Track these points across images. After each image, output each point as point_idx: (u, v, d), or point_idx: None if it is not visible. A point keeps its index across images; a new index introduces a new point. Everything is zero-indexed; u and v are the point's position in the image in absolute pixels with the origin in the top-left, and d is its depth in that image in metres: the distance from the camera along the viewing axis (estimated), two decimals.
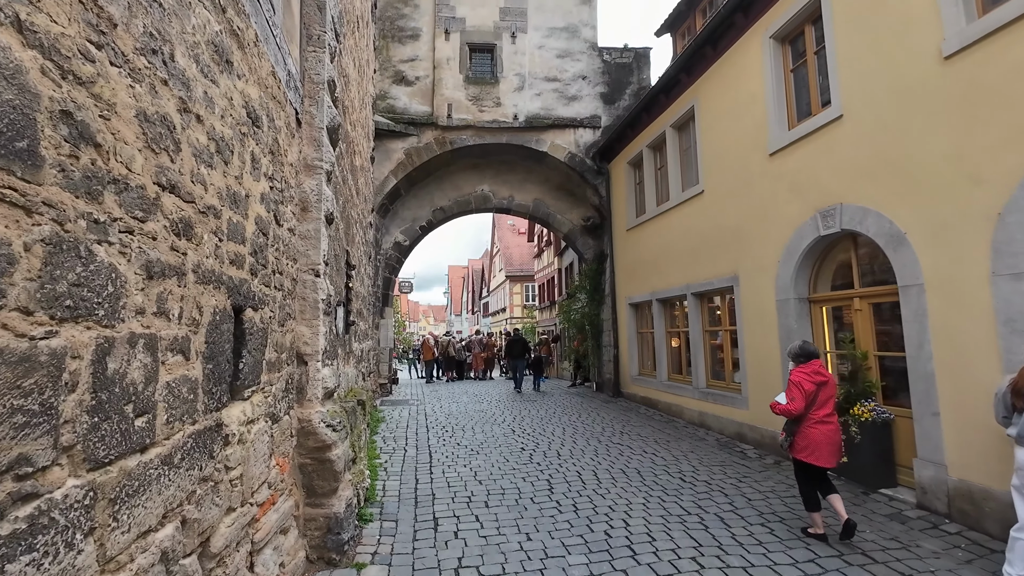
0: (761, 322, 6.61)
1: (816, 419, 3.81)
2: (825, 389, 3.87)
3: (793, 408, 3.80)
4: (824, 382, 3.87)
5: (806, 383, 3.82)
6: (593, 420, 8.84)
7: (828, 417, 3.84)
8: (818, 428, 3.81)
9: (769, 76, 6.45)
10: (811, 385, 3.82)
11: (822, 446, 3.79)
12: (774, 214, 6.34)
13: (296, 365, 3.71)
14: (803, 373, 3.89)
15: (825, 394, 3.87)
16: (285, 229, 3.44)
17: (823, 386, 3.86)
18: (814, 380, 3.84)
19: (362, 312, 8.06)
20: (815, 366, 3.93)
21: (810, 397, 3.81)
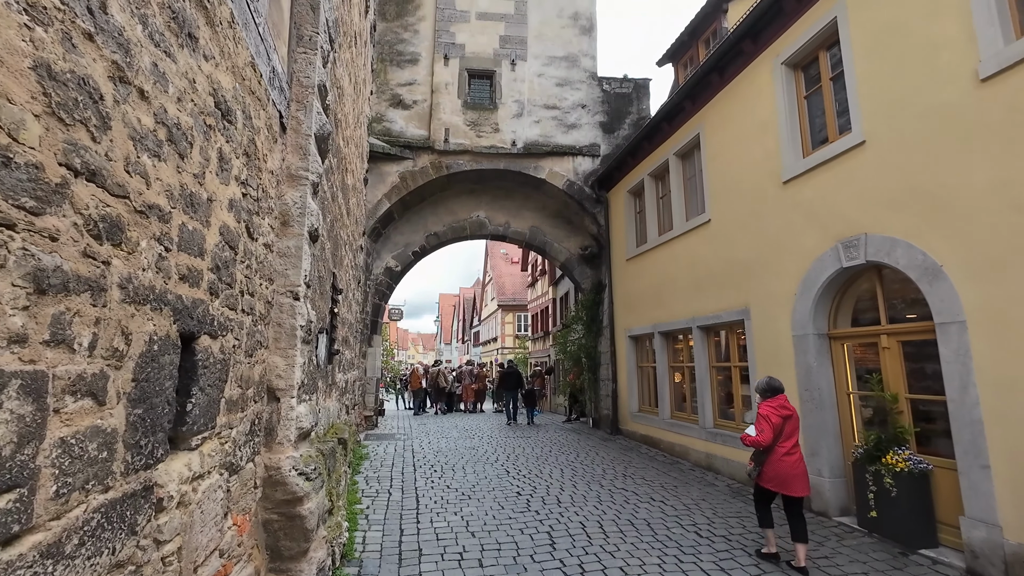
0: (776, 359, 6.19)
1: (783, 451, 4.04)
2: (790, 422, 4.11)
3: (762, 440, 4.02)
4: (789, 415, 4.12)
5: (773, 416, 4.06)
6: (592, 460, 8.27)
7: (793, 449, 4.08)
8: (786, 460, 4.04)
9: (782, 103, 6.22)
10: (778, 418, 4.06)
11: (791, 477, 4.02)
12: (789, 244, 6.01)
13: (266, 402, 3.19)
14: (770, 407, 4.13)
15: (791, 427, 4.11)
16: (260, 244, 2.99)
17: (788, 419, 4.10)
18: (780, 414, 4.09)
19: (348, 340, 7.54)
20: (781, 400, 4.18)
21: (777, 429, 4.04)
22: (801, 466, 4.07)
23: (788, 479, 4.00)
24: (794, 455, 4.06)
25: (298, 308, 3.39)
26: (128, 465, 1.57)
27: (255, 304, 2.90)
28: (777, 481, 4.03)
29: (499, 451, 9.12)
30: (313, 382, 4.10)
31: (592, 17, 13.20)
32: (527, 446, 9.66)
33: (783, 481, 4.01)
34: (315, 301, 4.13)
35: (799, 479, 4.03)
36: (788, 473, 4.00)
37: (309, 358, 3.89)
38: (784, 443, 4.04)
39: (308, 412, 3.60)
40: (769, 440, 4.01)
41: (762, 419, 4.08)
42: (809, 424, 5.59)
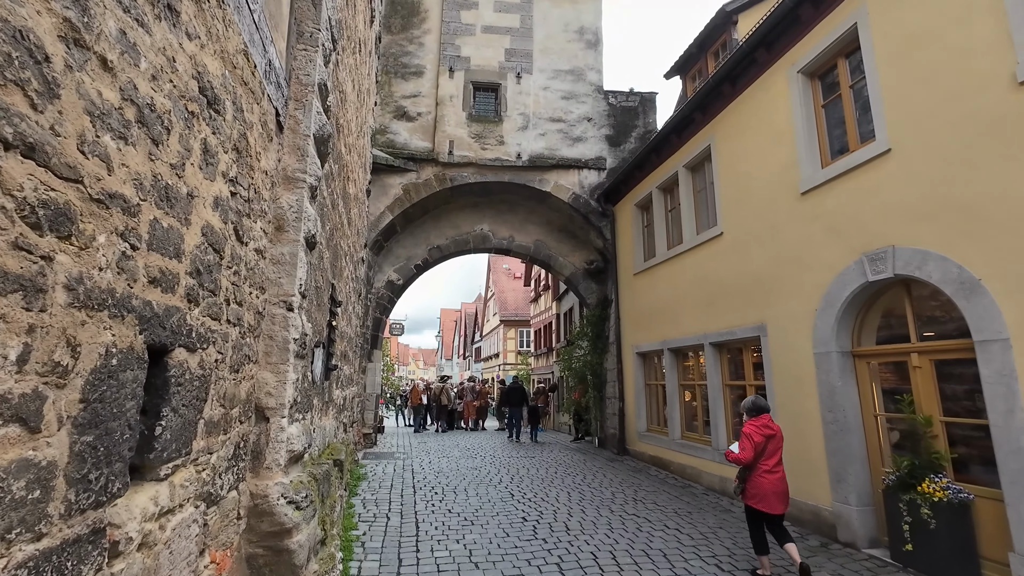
0: (795, 378, 5.89)
1: (765, 469, 4.17)
2: (773, 441, 4.25)
3: (743, 457, 4.16)
4: (772, 435, 4.26)
5: (756, 435, 4.20)
6: (600, 483, 7.91)
7: (775, 467, 4.20)
8: (766, 478, 4.15)
9: (798, 112, 6.03)
10: (760, 437, 4.20)
11: (770, 495, 4.12)
12: (809, 258, 5.75)
13: (254, 422, 2.91)
14: (754, 426, 4.26)
15: (773, 445, 4.24)
16: (251, 249, 2.74)
17: (771, 438, 4.24)
18: (763, 433, 4.22)
19: (347, 355, 7.26)
20: (765, 419, 4.33)
21: (760, 448, 4.18)
22: (782, 485, 4.18)
23: (767, 496, 4.14)
24: (776, 473, 4.19)
25: (291, 320, 3.13)
26: (71, 505, 1.29)
27: (243, 314, 2.64)
28: (757, 498, 4.16)
29: (502, 472, 8.76)
30: (307, 400, 3.82)
31: (598, 32, 13.15)
32: (531, 467, 9.30)
33: (762, 497, 4.14)
34: (311, 313, 3.87)
35: (779, 497, 4.15)
36: (768, 490, 4.14)
37: (303, 374, 3.61)
38: (766, 461, 4.20)
39: (300, 433, 3.31)
40: (750, 458, 4.15)
41: (745, 437, 4.22)
42: (834, 448, 5.27)
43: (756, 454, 4.15)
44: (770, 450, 4.21)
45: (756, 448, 4.15)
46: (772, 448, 4.22)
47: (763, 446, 4.18)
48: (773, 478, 4.15)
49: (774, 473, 4.17)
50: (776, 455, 4.23)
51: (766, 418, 4.34)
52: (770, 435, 4.24)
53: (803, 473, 5.69)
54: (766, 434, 4.22)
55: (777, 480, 4.16)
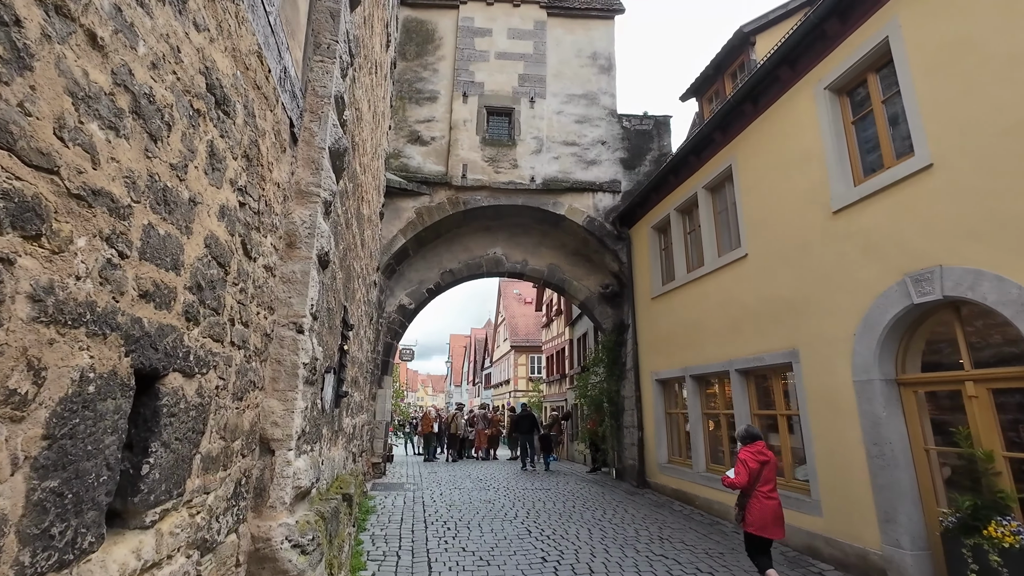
0: (833, 407, 5.52)
1: (763, 495, 4.30)
2: (768, 467, 4.40)
3: (738, 481, 4.31)
4: (766, 461, 4.41)
5: (751, 461, 4.35)
6: (622, 519, 7.46)
7: (771, 493, 4.34)
8: (765, 503, 4.28)
9: (827, 129, 5.82)
10: (755, 463, 4.34)
11: (769, 521, 4.27)
12: (843, 279, 5.46)
13: (257, 455, 2.66)
14: (749, 452, 4.42)
15: (768, 471, 4.39)
16: (259, 266, 2.54)
17: (766, 464, 4.39)
18: (758, 459, 4.37)
19: (358, 381, 7.01)
20: (759, 446, 4.47)
21: (754, 474, 4.33)
22: (779, 510, 4.35)
23: (769, 523, 4.27)
24: (773, 499, 4.33)
25: (301, 343, 2.90)
26: (25, 569, 1.04)
27: (249, 336, 2.41)
28: (759, 524, 4.28)
29: (518, 505, 8.33)
30: (316, 429, 3.56)
31: (611, 57, 13.21)
32: (548, 500, 8.86)
33: (764, 524, 4.27)
34: (322, 336, 3.64)
35: (779, 523, 4.32)
36: (769, 516, 4.27)
37: (313, 402, 3.37)
38: (763, 487, 4.34)
39: (308, 467, 3.04)
40: (744, 482, 4.30)
41: (740, 463, 4.38)
42: (881, 484, 4.86)
43: (751, 479, 4.32)
44: (766, 476, 4.36)
45: (751, 473, 4.31)
46: (768, 474, 4.37)
47: (758, 472, 4.35)
48: (772, 504, 4.29)
49: (771, 499, 4.31)
50: (772, 481, 4.39)
51: (760, 445, 4.51)
52: (764, 461, 4.38)
53: (845, 511, 5.27)
54: (760, 460, 4.37)
55: (776, 506, 4.32)
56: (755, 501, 4.30)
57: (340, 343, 4.70)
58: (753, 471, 4.31)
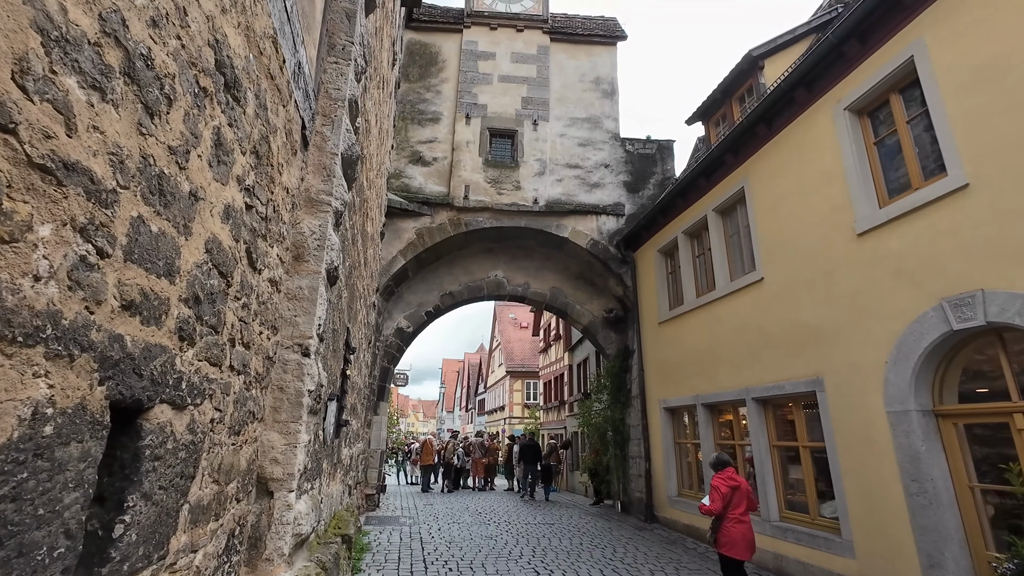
0: (864, 439, 5.20)
1: (733, 519, 4.55)
2: (738, 492, 4.62)
3: (714, 508, 4.57)
4: (737, 486, 4.64)
5: (722, 487, 4.60)
6: (634, 558, 7.01)
7: (742, 516, 4.58)
8: (736, 527, 4.53)
9: (848, 150, 5.67)
10: (727, 488, 4.59)
11: (739, 542, 4.52)
12: (873, 304, 5.22)
13: (254, 498, 2.30)
14: (720, 479, 4.68)
15: (738, 496, 4.61)
16: (264, 279, 2.24)
17: (736, 490, 4.62)
18: (728, 484, 4.62)
19: (356, 409, 6.62)
20: (729, 473, 4.73)
21: (727, 499, 4.57)
22: (750, 534, 4.59)
23: (738, 543, 4.53)
24: (743, 523, 4.56)
25: (307, 367, 2.58)
26: None
27: (250, 360, 2.09)
28: (729, 545, 4.55)
29: (522, 542, 7.84)
30: (317, 464, 3.20)
31: (614, 82, 13.25)
32: (553, 536, 8.37)
33: (733, 545, 4.54)
34: (327, 360, 3.31)
35: (747, 544, 4.56)
36: (738, 538, 4.53)
37: (316, 433, 3.02)
38: (733, 511, 4.57)
39: (309, 509, 2.68)
40: (719, 509, 4.57)
41: (714, 490, 4.65)
42: (923, 525, 4.52)
43: (724, 504, 4.57)
44: (736, 501, 4.60)
45: (724, 499, 4.57)
46: (738, 499, 4.61)
47: (730, 497, 4.59)
48: (742, 527, 4.54)
49: (742, 523, 4.56)
50: (742, 505, 4.60)
51: (730, 471, 4.78)
52: (735, 487, 4.63)
53: (883, 554, 4.90)
54: (731, 485, 4.63)
55: (746, 529, 4.57)
56: (727, 524, 4.57)
57: (343, 367, 4.36)
58: (725, 496, 4.58)
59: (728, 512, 4.56)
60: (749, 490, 4.75)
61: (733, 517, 4.56)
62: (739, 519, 4.56)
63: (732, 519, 4.55)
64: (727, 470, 4.78)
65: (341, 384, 4.35)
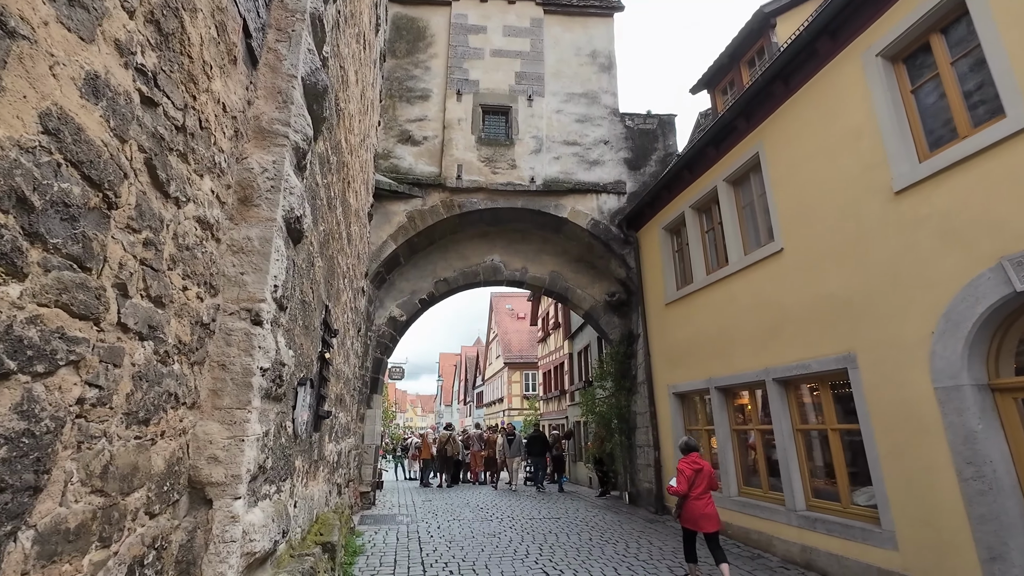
0: (907, 420, 4.69)
1: (694, 496, 5.01)
2: (701, 474, 5.06)
3: (680, 489, 5.02)
4: (700, 469, 5.08)
5: (687, 469, 5.06)
6: (648, 553, 6.51)
7: (702, 495, 5.02)
8: (695, 505, 5.00)
9: (881, 101, 5.12)
10: (690, 471, 5.04)
11: (700, 517, 4.96)
12: (914, 271, 4.69)
13: (183, 510, 1.73)
14: (685, 463, 5.15)
15: (700, 478, 5.05)
16: (187, 215, 1.66)
17: (699, 472, 5.06)
18: (692, 468, 5.07)
19: (344, 400, 6.05)
20: (694, 457, 5.17)
21: (691, 480, 5.02)
22: (708, 509, 5.02)
23: (699, 519, 5.00)
24: (702, 500, 5.04)
25: (258, 339, 2.01)
26: None
27: (165, 323, 1.51)
28: (692, 521, 5.03)
29: (527, 540, 7.33)
30: (285, 462, 2.63)
31: (611, 55, 12.63)
32: (560, 531, 7.86)
33: (696, 520, 5.01)
34: (293, 336, 2.73)
35: (708, 519, 5.00)
36: (698, 514, 5.00)
37: (279, 424, 2.45)
38: (695, 491, 5.05)
39: (269, 519, 2.12)
40: (684, 490, 5.04)
41: (679, 472, 5.13)
42: (981, 514, 4.01)
43: (688, 485, 5.03)
44: (698, 482, 5.07)
45: (688, 481, 5.04)
46: (700, 480, 5.07)
47: (693, 478, 5.06)
48: (700, 503, 5.02)
49: (701, 500, 5.03)
50: (702, 485, 5.06)
51: (695, 456, 5.22)
52: (698, 469, 5.11)
53: (931, 546, 4.41)
54: (695, 468, 5.10)
55: (703, 505, 5.02)
56: (688, 503, 5.05)
57: (321, 350, 3.78)
58: (689, 478, 5.05)
59: (691, 492, 5.05)
60: (711, 472, 5.19)
61: (694, 496, 5.06)
62: (698, 497, 5.05)
63: (693, 497, 5.05)
64: (692, 455, 5.23)
65: (319, 369, 3.77)
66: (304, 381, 2.97)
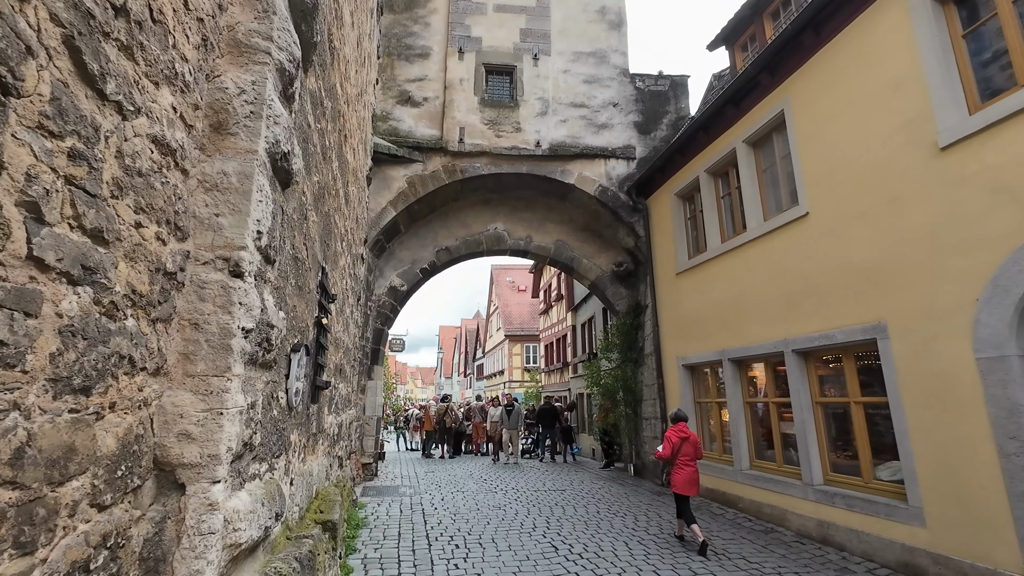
0: (941, 392, 4.42)
1: (682, 463, 5.53)
2: (687, 443, 5.57)
3: (665, 454, 5.60)
4: (686, 437, 5.60)
5: (673, 437, 5.59)
6: (659, 527, 6.35)
7: (688, 462, 5.53)
8: (682, 470, 5.52)
9: (929, 49, 4.67)
10: (677, 439, 5.56)
11: (685, 482, 5.48)
12: (957, 233, 4.34)
13: (147, 498, 1.43)
14: (673, 431, 5.66)
15: (687, 446, 5.56)
16: (137, 130, 1.30)
17: (685, 440, 5.58)
18: (679, 436, 5.58)
19: (343, 370, 5.77)
20: (681, 427, 5.68)
21: (676, 448, 5.53)
22: (691, 475, 5.50)
23: (684, 484, 5.48)
24: (689, 467, 5.50)
25: (238, 293, 1.67)
26: None
27: (110, 265, 1.17)
28: (678, 485, 5.51)
29: (533, 512, 7.18)
30: (278, 437, 2.34)
31: (621, 12, 11.95)
32: (566, 504, 7.72)
33: (681, 485, 5.49)
34: (284, 294, 2.39)
35: (690, 484, 5.47)
36: (682, 480, 5.49)
37: (270, 394, 2.14)
38: (682, 458, 5.52)
39: (258, 503, 1.82)
40: (668, 455, 5.54)
41: (666, 440, 5.62)
42: (1022, 491, 3.77)
43: (673, 452, 5.52)
44: (685, 450, 5.53)
45: (674, 447, 5.52)
46: (686, 448, 5.54)
47: (679, 446, 5.52)
48: (687, 470, 5.50)
49: (687, 467, 5.50)
50: (688, 454, 5.53)
51: (682, 425, 5.70)
52: (684, 437, 5.59)
53: (963, 523, 4.19)
54: (681, 436, 5.58)
55: (690, 472, 5.50)
56: (676, 469, 5.53)
57: (318, 315, 3.46)
58: (675, 445, 5.52)
59: (677, 459, 5.51)
60: (697, 441, 5.68)
61: (681, 462, 5.51)
62: (685, 464, 5.51)
63: (679, 464, 5.51)
64: (680, 424, 5.72)
65: (316, 336, 3.46)
66: (299, 347, 2.65)
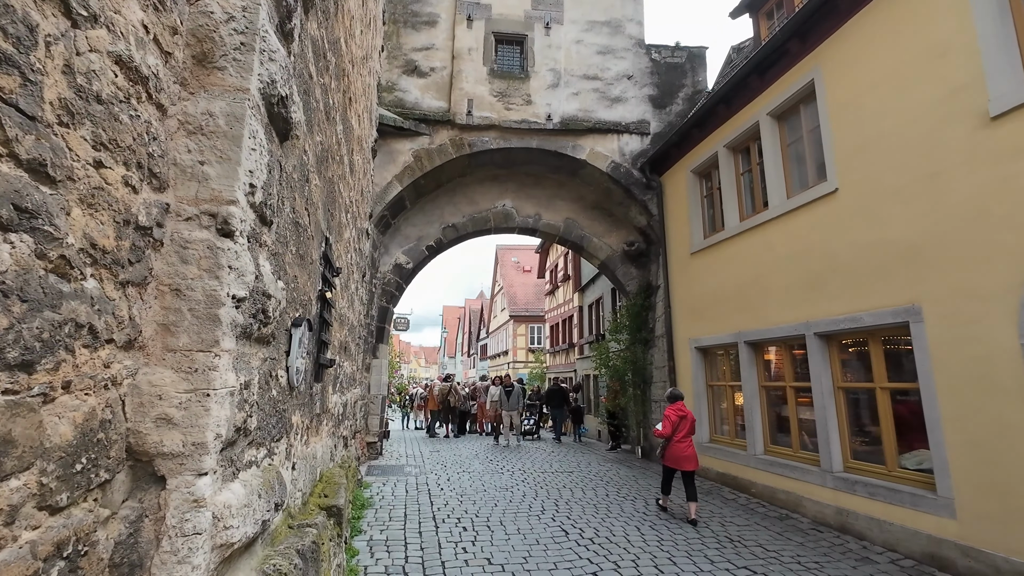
0: (980, 379, 4.18)
1: (677, 440, 5.88)
2: (684, 421, 5.94)
3: (664, 432, 5.92)
4: (684, 416, 5.97)
5: (672, 416, 5.95)
6: (671, 512, 6.19)
7: (684, 439, 5.89)
8: (678, 447, 5.87)
9: (983, 8, 4.30)
10: (676, 417, 5.92)
11: (681, 458, 5.83)
12: (1007, 209, 4.04)
13: (119, 494, 1.20)
14: (672, 410, 6.02)
15: (684, 424, 5.93)
16: (96, 49, 1.04)
17: (683, 419, 5.94)
18: (678, 414, 5.95)
19: (348, 348, 5.56)
20: (679, 405, 6.05)
21: (675, 425, 5.89)
22: (689, 450, 5.85)
23: (680, 459, 5.82)
24: (684, 443, 5.85)
25: (227, 255, 1.43)
26: None
27: (63, 211, 0.94)
28: (673, 460, 5.89)
29: (542, 494, 7.05)
30: (278, 419, 2.12)
31: None
32: (575, 486, 7.59)
33: (677, 461, 5.85)
34: (283, 261, 2.15)
35: (688, 460, 5.81)
36: (679, 455, 5.82)
37: (267, 372, 1.92)
38: (678, 435, 5.86)
39: (254, 494, 1.61)
40: (668, 433, 5.88)
41: (665, 418, 5.97)
42: None
43: (672, 429, 5.85)
44: (682, 427, 5.87)
45: (673, 425, 5.86)
46: (683, 426, 5.88)
47: (677, 424, 5.86)
48: (682, 446, 5.83)
49: (682, 443, 5.84)
50: (684, 431, 5.88)
51: (680, 404, 6.04)
52: (682, 416, 5.93)
53: (998, 517, 3.99)
54: (680, 415, 5.92)
55: (685, 447, 5.83)
56: (672, 445, 5.88)
57: (321, 289, 3.22)
58: (674, 423, 5.86)
59: (674, 436, 5.84)
60: (693, 420, 6.01)
61: (676, 440, 5.85)
62: (680, 440, 5.84)
63: (675, 441, 5.85)
64: (677, 403, 6.05)
65: (320, 311, 3.23)
66: (300, 322, 2.42)
